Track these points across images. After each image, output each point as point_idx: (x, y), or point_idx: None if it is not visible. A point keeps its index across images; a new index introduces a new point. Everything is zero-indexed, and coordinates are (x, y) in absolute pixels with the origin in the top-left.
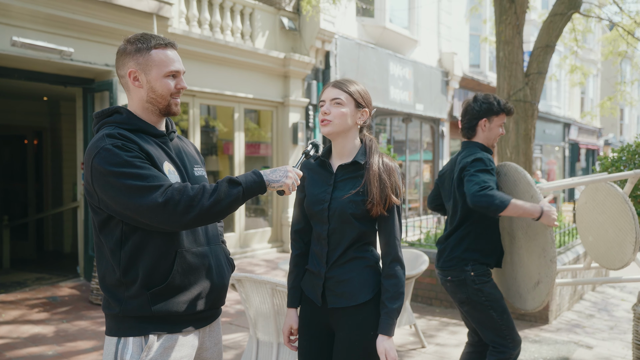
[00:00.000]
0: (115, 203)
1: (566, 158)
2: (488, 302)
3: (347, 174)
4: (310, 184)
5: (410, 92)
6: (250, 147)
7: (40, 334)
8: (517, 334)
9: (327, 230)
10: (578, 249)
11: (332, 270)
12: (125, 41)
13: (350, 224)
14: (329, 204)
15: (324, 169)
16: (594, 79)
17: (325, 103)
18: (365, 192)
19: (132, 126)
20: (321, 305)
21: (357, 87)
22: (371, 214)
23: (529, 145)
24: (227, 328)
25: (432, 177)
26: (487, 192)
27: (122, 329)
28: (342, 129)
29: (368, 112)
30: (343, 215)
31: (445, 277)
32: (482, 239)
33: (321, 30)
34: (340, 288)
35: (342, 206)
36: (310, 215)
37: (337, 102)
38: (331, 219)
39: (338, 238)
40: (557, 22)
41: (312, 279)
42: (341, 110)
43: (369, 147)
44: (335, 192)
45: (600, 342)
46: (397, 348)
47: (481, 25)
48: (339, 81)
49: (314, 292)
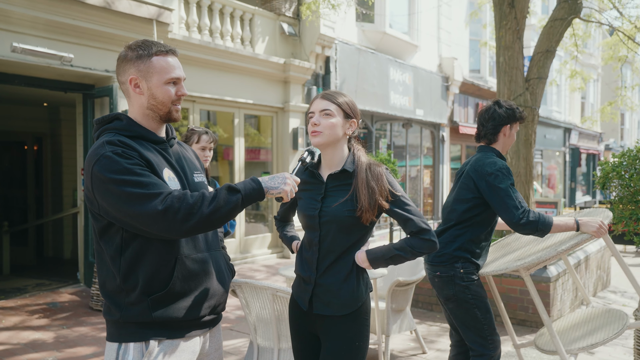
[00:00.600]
0: (115, 210)
1: (567, 163)
2: (474, 300)
3: (337, 182)
4: (302, 193)
5: (411, 97)
6: (251, 153)
7: (40, 340)
8: (498, 334)
9: (318, 237)
10: (579, 254)
11: (322, 277)
12: (126, 47)
13: (341, 232)
14: (319, 212)
15: (315, 179)
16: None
17: (315, 114)
18: (355, 200)
19: (132, 133)
20: (307, 310)
21: (345, 98)
22: (362, 221)
23: (530, 150)
24: (228, 334)
25: (432, 183)
26: (529, 219)
27: (122, 335)
28: (332, 139)
29: (356, 123)
30: (334, 223)
31: (434, 272)
32: (475, 242)
33: (321, 35)
34: (329, 297)
35: (333, 214)
36: (302, 223)
37: (326, 113)
38: (322, 227)
39: (329, 245)
40: (557, 27)
41: (302, 284)
42: (331, 121)
43: (356, 156)
44: (326, 201)
45: (601, 348)
46: (398, 353)
47: (481, 30)
48: (328, 93)
49: (301, 297)
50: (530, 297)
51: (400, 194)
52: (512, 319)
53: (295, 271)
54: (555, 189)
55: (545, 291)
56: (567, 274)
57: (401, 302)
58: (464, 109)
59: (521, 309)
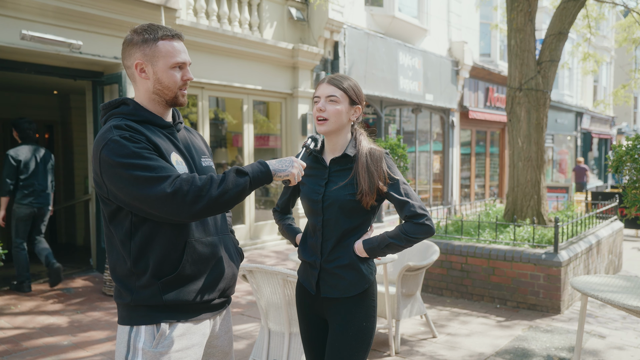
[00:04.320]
0: (123, 194)
1: (578, 147)
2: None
3: (338, 167)
4: (306, 179)
5: (420, 82)
6: (260, 139)
7: (55, 325)
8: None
9: (321, 222)
10: (590, 238)
11: (327, 261)
12: (132, 31)
13: (343, 216)
14: (322, 197)
15: (318, 164)
16: (607, 66)
17: (320, 99)
18: (355, 184)
19: (139, 117)
20: (315, 294)
21: (350, 83)
22: (362, 204)
23: (541, 134)
24: (239, 319)
25: (442, 168)
26: None
27: (134, 318)
28: (337, 127)
29: (360, 109)
30: (336, 207)
31: None
32: None
33: (329, 20)
34: (335, 279)
35: (335, 198)
36: (306, 209)
37: (332, 99)
38: (325, 211)
39: (332, 229)
40: (570, 8)
41: (308, 269)
42: (336, 108)
43: (358, 140)
44: (329, 185)
45: (612, 332)
46: (408, 338)
47: (492, 13)
48: (334, 78)
49: (308, 281)
50: (541, 282)
51: (399, 178)
52: (523, 303)
53: (299, 257)
54: (566, 174)
55: (556, 276)
56: (579, 258)
57: (411, 287)
58: (474, 93)
59: (532, 293)
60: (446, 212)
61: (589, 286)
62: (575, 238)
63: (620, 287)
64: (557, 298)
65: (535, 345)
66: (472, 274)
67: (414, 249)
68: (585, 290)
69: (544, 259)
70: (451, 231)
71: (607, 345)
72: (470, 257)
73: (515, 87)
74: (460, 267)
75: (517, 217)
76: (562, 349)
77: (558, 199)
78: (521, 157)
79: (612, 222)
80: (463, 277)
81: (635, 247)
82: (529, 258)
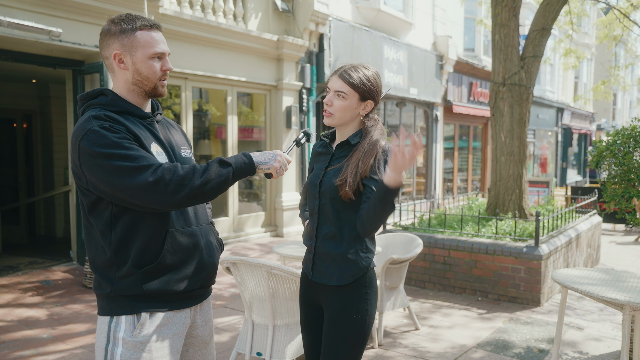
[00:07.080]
0: (104, 184)
1: (559, 143)
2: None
3: (341, 153)
4: (314, 165)
5: (405, 75)
6: (244, 132)
7: (34, 317)
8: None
9: (317, 206)
10: (570, 232)
11: (320, 246)
12: (109, 22)
13: (336, 201)
14: (320, 181)
15: (326, 149)
16: (587, 63)
17: (330, 92)
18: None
19: (118, 108)
20: (311, 278)
21: (362, 77)
22: (339, 193)
23: (524, 129)
24: (223, 311)
25: (426, 162)
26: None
27: (114, 308)
28: (342, 121)
29: (373, 104)
30: (329, 192)
31: None
32: None
33: (315, 12)
34: (325, 265)
35: (327, 183)
36: (307, 192)
37: (339, 94)
38: (321, 195)
39: (327, 214)
40: (553, 4)
41: (307, 253)
42: (342, 104)
43: (366, 131)
44: (328, 170)
45: (590, 324)
46: (391, 330)
47: (476, 7)
48: (346, 71)
49: (306, 265)
50: (521, 275)
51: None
52: (504, 296)
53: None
54: (547, 169)
55: (536, 269)
56: (559, 251)
57: (395, 280)
58: (458, 88)
59: (513, 286)
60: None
61: (570, 279)
62: (555, 232)
63: (598, 279)
64: (537, 291)
65: (516, 337)
66: (454, 267)
67: (398, 242)
68: (566, 283)
69: (525, 253)
70: (434, 224)
71: (585, 337)
72: (453, 251)
73: (499, 82)
74: (442, 260)
75: (499, 211)
76: (541, 340)
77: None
78: (504, 151)
79: (591, 216)
80: (445, 270)
81: (613, 241)
82: (510, 251)
